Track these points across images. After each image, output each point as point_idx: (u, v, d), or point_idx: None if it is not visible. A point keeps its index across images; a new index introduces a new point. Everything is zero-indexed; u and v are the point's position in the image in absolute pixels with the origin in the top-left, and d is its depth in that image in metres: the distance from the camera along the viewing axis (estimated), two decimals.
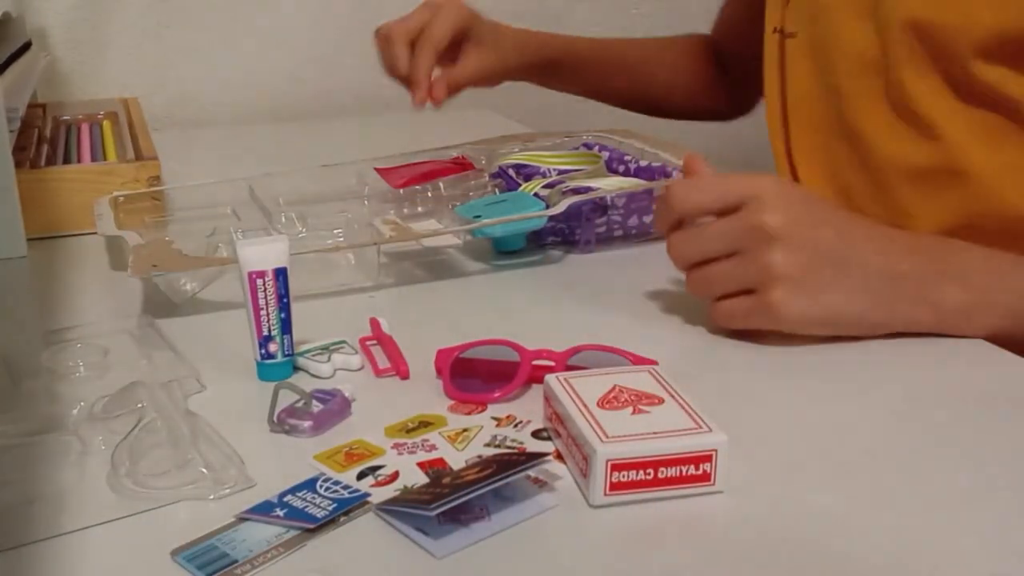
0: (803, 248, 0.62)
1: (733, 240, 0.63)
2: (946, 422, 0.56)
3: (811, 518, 0.47)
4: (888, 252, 0.64)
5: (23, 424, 0.55)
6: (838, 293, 0.63)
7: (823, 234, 0.63)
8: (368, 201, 0.92)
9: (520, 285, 0.78)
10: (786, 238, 0.62)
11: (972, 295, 0.65)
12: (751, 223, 0.62)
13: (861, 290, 0.63)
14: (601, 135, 0.99)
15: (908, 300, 0.64)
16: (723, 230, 0.64)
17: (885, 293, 0.64)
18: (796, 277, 0.62)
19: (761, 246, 0.62)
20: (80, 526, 0.47)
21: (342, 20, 1.51)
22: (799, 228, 0.62)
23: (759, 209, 0.62)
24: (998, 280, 0.65)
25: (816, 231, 0.63)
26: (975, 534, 0.46)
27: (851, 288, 0.63)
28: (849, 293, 0.63)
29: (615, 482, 0.47)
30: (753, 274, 0.63)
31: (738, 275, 0.64)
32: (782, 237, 0.62)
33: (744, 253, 0.63)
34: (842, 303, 0.63)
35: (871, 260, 0.64)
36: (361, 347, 0.65)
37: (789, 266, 0.62)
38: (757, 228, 0.62)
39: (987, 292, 0.65)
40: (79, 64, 1.42)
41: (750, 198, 0.63)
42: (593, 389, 0.53)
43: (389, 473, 0.51)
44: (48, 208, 0.90)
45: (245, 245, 0.60)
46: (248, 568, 0.43)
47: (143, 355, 0.64)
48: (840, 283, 0.63)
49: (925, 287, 0.64)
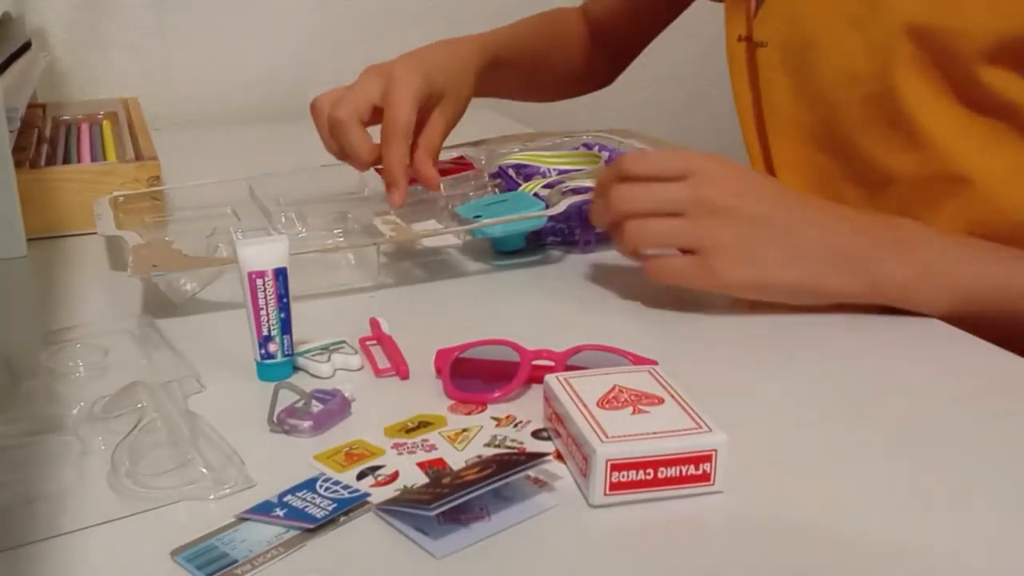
0: (745, 219, 0.67)
1: (678, 203, 0.68)
2: (947, 422, 0.56)
3: (811, 518, 0.47)
4: (831, 227, 0.68)
5: (23, 424, 0.55)
6: (775, 261, 0.68)
7: (765, 207, 0.68)
8: (368, 201, 0.92)
9: (520, 285, 0.78)
10: (729, 209, 0.67)
11: (913, 270, 0.68)
12: (695, 194, 0.67)
13: (798, 260, 0.68)
14: (601, 135, 0.99)
15: (845, 272, 0.68)
16: (670, 191, 0.68)
17: (822, 264, 0.68)
18: (736, 244, 0.67)
19: (704, 214, 0.67)
20: (80, 526, 0.47)
21: (342, 20, 1.51)
22: (741, 200, 0.68)
23: (701, 183, 0.67)
24: (941, 258, 0.68)
25: (759, 203, 0.68)
26: (976, 534, 0.46)
27: (789, 258, 0.68)
28: (786, 262, 0.68)
29: (615, 482, 0.47)
30: (695, 237, 0.68)
31: (680, 234, 0.68)
32: (725, 208, 0.67)
33: (688, 217, 0.68)
34: (778, 271, 0.68)
35: (811, 233, 0.68)
36: (361, 347, 0.65)
37: (730, 234, 0.67)
38: (701, 198, 0.67)
39: (930, 269, 0.68)
40: (79, 64, 1.42)
41: (693, 171, 0.68)
42: (593, 389, 0.53)
43: (389, 473, 0.51)
44: (48, 208, 0.90)
45: (245, 245, 0.60)
46: (248, 568, 0.43)
47: (143, 355, 0.64)
48: (778, 253, 0.68)
49: (864, 260, 0.68)
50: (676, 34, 1.22)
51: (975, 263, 0.69)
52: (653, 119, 1.20)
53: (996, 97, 0.73)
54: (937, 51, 0.75)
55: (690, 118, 1.68)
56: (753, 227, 0.67)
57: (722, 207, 0.67)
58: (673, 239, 0.69)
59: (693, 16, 1.13)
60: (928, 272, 0.68)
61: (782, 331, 0.68)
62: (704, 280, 0.69)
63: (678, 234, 0.68)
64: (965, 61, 0.73)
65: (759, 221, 0.67)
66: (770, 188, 0.70)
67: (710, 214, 0.67)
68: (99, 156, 1.04)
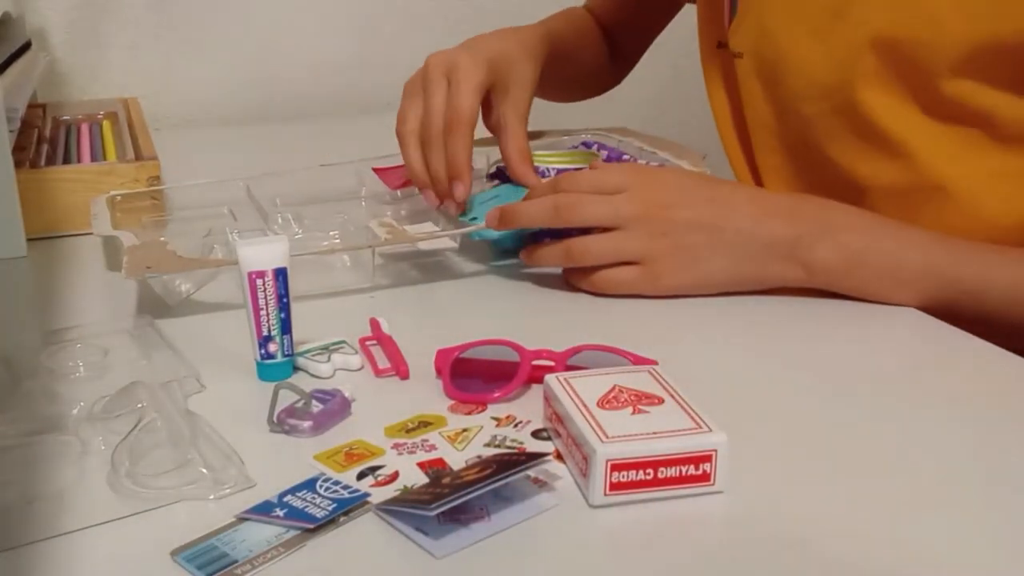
0: (679, 226, 0.71)
1: (614, 218, 0.71)
2: (948, 424, 0.56)
3: (811, 518, 0.47)
4: (761, 219, 0.71)
5: (23, 424, 0.55)
6: (712, 262, 0.71)
7: (696, 211, 0.71)
8: (365, 202, 0.92)
9: (519, 286, 0.78)
10: (662, 220, 0.71)
11: (841, 255, 0.70)
12: (629, 210, 0.71)
13: (733, 256, 0.71)
14: (600, 134, 0.99)
15: (780, 260, 0.71)
16: (605, 207, 0.71)
17: (757, 254, 0.71)
18: (672, 252, 0.71)
19: (639, 227, 0.71)
20: (80, 526, 0.47)
21: (342, 20, 1.51)
22: (672, 210, 0.71)
23: (632, 197, 0.71)
24: (875, 243, 0.70)
25: (689, 209, 0.71)
26: (976, 534, 0.46)
27: (724, 254, 0.71)
28: (723, 259, 0.71)
29: (615, 482, 0.47)
30: (633, 250, 0.71)
31: (620, 250, 0.72)
32: (658, 219, 0.71)
33: (625, 230, 0.71)
34: (716, 268, 0.71)
35: (743, 227, 0.71)
36: (361, 347, 0.65)
37: (666, 243, 0.71)
38: (635, 213, 0.71)
39: (859, 254, 0.70)
40: (79, 64, 1.42)
41: (627, 186, 0.72)
42: (593, 389, 0.53)
43: (389, 473, 0.51)
44: (48, 208, 0.90)
45: (245, 245, 0.60)
46: (248, 568, 0.43)
47: (143, 355, 0.64)
48: (715, 251, 0.71)
49: (798, 247, 0.70)
50: (677, 34, 1.22)
51: (917, 250, 0.70)
52: (652, 118, 1.20)
53: (964, 106, 0.74)
54: (904, 63, 0.75)
55: (689, 117, 1.68)
56: (688, 232, 0.70)
57: (656, 218, 0.71)
58: (615, 255, 0.72)
59: (692, 14, 1.13)
60: (858, 257, 0.70)
61: (783, 331, 0.68)
62: (648, 288, 0.72)
63: (616, 250, 0.72)
64: (929, 74, 0.73)
65: (692, 226, 0.71)
66: (701, 191, 0.72)
67: (645, 226, 0.71)
68: (99, 156, 1.04)
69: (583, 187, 0.73)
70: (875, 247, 0.70)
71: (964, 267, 0.69)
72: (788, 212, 0.71)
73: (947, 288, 0.69)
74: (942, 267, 0.69)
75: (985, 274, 0.69)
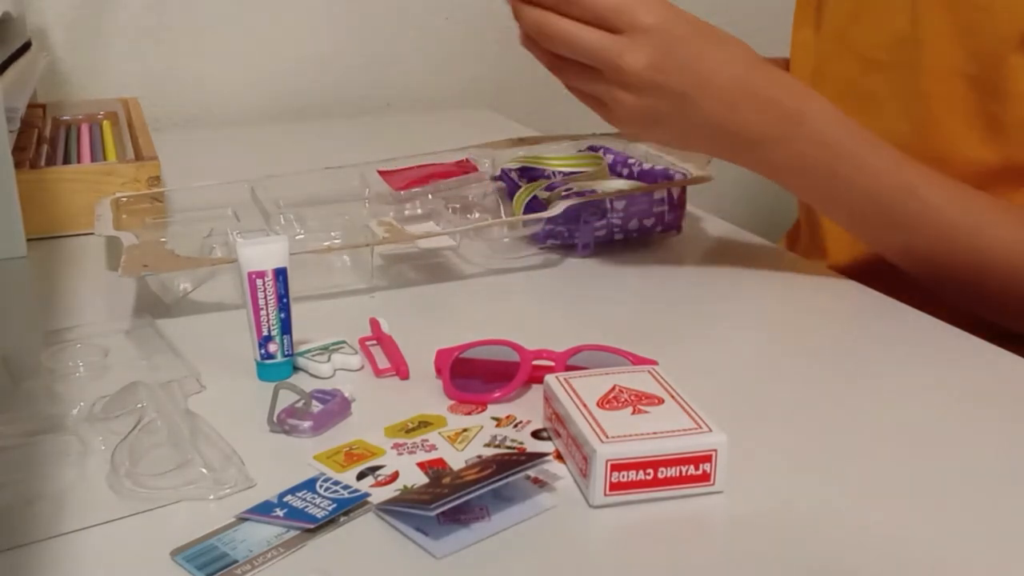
0: (654, 91, 0.68)
1: (594, 60, 0.68)
2: (949, 422, 0.56)
3: (811, 518, 0.47)
4: (735, 105, 0.70)
5: (23, 424, 0.55)
6: (669, 132, 0.72)
7: (680, 81, 0.68)
8: (368, 203, 0.92)
9: (519, 287, 0.78)
10: (644, 81, 0.68)
11: (788, 161, 0.71)
12: (615, 61, 0.67)
13: (691, 137, 0.72)
14: (606, 138, 0.99)
15: (731, 150, 0.72)
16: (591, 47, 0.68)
17: (714, 140, 0.72)
18: (634, 110, 0.69)
19: (613, 80, 0.68)
20: (80, 526, 0.47)
21: (342, 20, 1.51)
22: (658, 74, 0.68)
23: (625, 48, 0.67)
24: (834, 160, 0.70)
25: (669, 77, 0.68)
26: (976, 534, 0.46)
27: (683, 130, 0.71)
28: (680, 134, 0.72)
29: (615, 482, 0.48)
30: (602, 91, 0.70)
31: (590, 86, 0.70)
32: (639, 81, 0.68)
33: (601, 72, 0.68)
34: (670, 138, 0.73)
35: (714, 110, 0.69)
36: (361, 347, 0.65)
37: (631, 104, 0.69)
38: (617, 67, 0.67)
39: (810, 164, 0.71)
40: (79, 64, 1.42)
41: (632, 28, 0.67)
42: (593, 389, 0.53)
43: (389, 473, 0.51)
44: (48, 208, 0.90)
45: (245, 245, 0.60)
46: (248, 568, 0.43)
47: (143, 355, 0.64)
48: (674, 124, 0.70)
49: (751, 143, 0.71)
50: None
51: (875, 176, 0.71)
52: None
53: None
54: None
55: None
56: (661, 99, 0.69)
57: (635, 81, 0.68)
58: (583, 86, 0.71)
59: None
60: (806, 166, 0.71)
61: (783, 331, 0.68)
62: (603, 116, 0.72)
63: (586, 84, 0.70)
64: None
65: (667, 94, 0.68)
66: (698, 63, 0.69)
67: (619, 83, 0.68)
68: (99, 156, 1.04)
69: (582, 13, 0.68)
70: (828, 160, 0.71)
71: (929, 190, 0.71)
72: (761, 104, 0.70)
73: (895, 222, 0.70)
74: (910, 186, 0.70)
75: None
